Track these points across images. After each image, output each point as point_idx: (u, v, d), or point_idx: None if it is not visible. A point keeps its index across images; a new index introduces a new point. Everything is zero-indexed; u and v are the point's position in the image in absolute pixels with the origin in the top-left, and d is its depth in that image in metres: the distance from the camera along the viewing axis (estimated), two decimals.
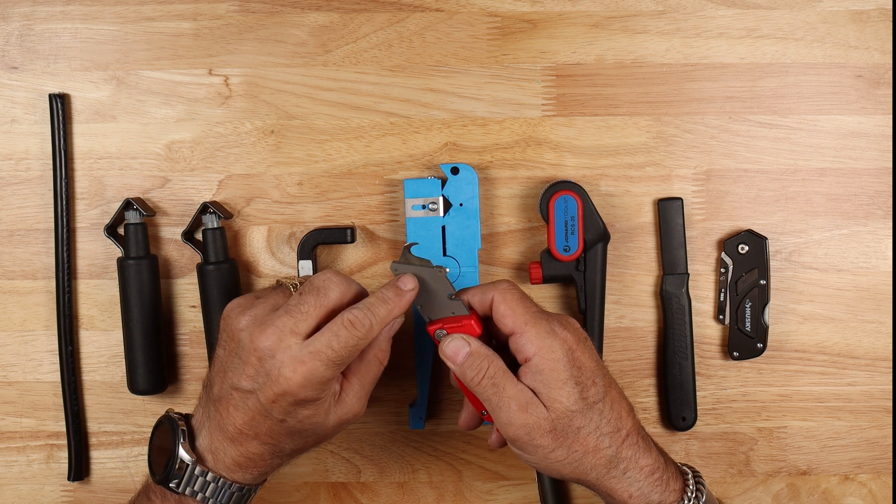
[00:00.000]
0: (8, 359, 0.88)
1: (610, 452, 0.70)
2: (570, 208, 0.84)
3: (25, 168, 0.87)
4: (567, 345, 0.69)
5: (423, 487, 0.89)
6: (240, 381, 0.69)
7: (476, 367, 0.70)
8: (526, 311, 0.70)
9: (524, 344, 0.69)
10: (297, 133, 0.87)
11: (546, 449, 0.69)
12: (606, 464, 0.70)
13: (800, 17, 0.86)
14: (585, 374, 0.70)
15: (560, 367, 0.68)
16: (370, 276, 0.88)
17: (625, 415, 0.71)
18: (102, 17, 0.87)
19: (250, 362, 0.69)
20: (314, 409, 0.70)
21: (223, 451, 0.71)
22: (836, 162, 0.87)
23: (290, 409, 0.69)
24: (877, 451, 0.88)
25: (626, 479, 0.70)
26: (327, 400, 0.70)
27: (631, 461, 0.70)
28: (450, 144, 0.87)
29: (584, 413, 0.69)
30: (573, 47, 0.87)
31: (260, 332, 0.68)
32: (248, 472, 0.72)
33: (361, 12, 0.87)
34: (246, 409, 0.70)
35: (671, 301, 0.86)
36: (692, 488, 0.71)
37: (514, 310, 0.70)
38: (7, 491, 0.89)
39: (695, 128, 0.87)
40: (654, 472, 0.71)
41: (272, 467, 0.73)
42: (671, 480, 0.71)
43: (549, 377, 0.68)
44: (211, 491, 0.71)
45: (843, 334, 0.88)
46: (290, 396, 0.68)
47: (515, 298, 0.71)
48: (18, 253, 0.88)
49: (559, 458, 0.69)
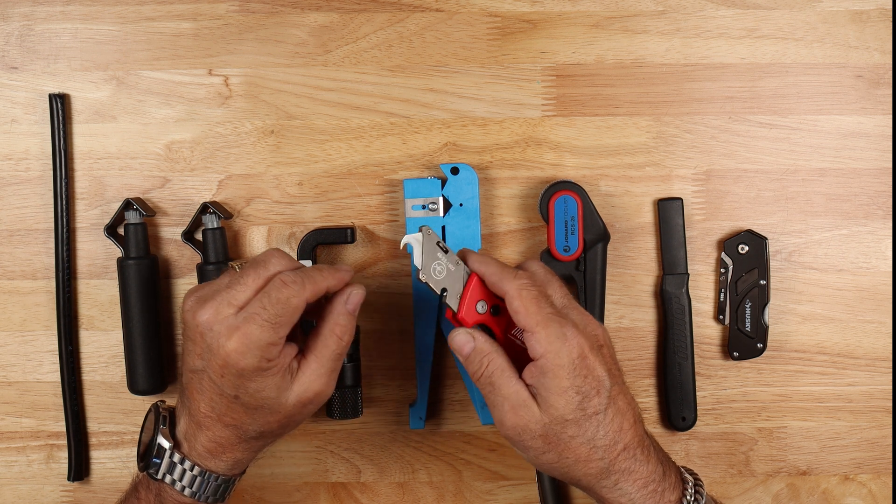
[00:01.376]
0: (8, 359, 0.88)
1: (602, 464, 0.69)
2: (570, 208, 0.84)
3: (25, 168, 0.87)
4: (577, 351, 0.68)
5: (423, 487, 0.89)
6: (193, 361, 0.70)
7: (476, 364, 0.70)
8: (539, 312, 0.69)
9: (534, 344, 0.69)
10: (297, 133, 0.87)
11: (537, 451, 0.69)
12: (597, 474, 0.69)
13: (800, 17, 0.86)
14: (590, 384, 0.68)
15: (563, 374, 0.68)
16: (370, 276, 0.88)
17: (626, 427, 0.70)
18: (102, 17, 0.87)
19: (196, 340, 0.69)
20: (262, 382, 0.69)
21: (195, 437, 0.72)
22: (836, 162, 0.87)
23: (238, 383, 0.69)
24: (877, 451, 0.88)
25: (616, 490, 0.70)
26: (278, 373, 0.69)
27: (624, 474, 0.69)
28: (450, 144, 0.87)
29: (580, 423, 0.68)
30: (573, 47, 0.87)
31: (200, 308, 0.69)
32: (220, 459, 0.72)
33: (361, 12, 0.87)
34: (203, 391, 0.70)
35: (671, 301, 0.86)
36: (690, 499, 0.71)
37: (528, 309, 0.69)
38: (7, 491, 0.89)
39: (695, 128, 0.87)
40: (647, 484, 0.70)
41: (244, 454, 0.72)
42: (667, 492, 0.70)
43: (550, 382, 0.68)
44: (188, 480, 0.72)
45: (843, 334, 0.88)
46: (232, 367, 0.68)
47: (531, 297, 0.69)
48: (18, 253, 0.88)
49: (550, 460, 0.69)
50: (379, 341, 0.88)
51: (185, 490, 0.72)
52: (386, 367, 0.88)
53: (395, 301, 0.88)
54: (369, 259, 0.88)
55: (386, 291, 0.88)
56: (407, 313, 0.88)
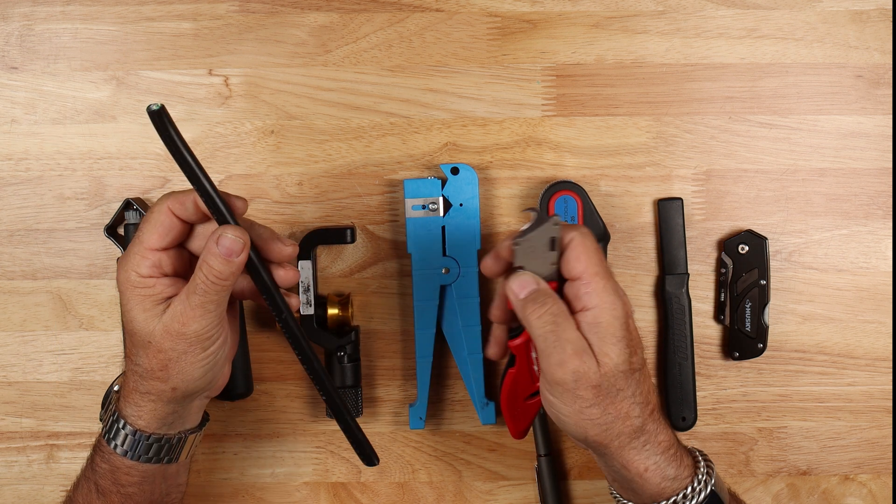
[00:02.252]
0: (8, 359, 0.88)
1: (637, 422, 0.70)
2: (570, 208, 0.84)
3: (25, 168, 0.87)
4: (626, 308, 0.69)
5: (423, 487, 0.89)
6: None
7: (540, 301, 0.69)
8: (599, 262, 0.69)
9: (588, 293, 0.68)
10: (297, 133, 0.87)
11: (585, 402, 0.69)
12: (631, 433, 0.70)
13: (800, 17, 0.86)
14: (634, 340, 0.70)
15: (618, 325, 0.68)
16: (370, 276, 0.88)
17: (652, 390, 0.72)
18: (102, 17, 0.87)
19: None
20: (132, 297, 0.70)
21: (122, 385, 0.74)
22: (836, 162, 0.87)
23: (121, 300, 0.71)
24: (877, 451, 0.88)
25: (644, 451, 0.70)
26: (147, 297, 0.70)
27: (652, 435, 0.71)
28: (450, 144, 0.87)
29: (627, 376, 0.69)
30: (573, 47, 0.87)
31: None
32: (130, 403, 0.72)
33: (361, 12, 0.87)
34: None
35: (671, 301, 0.86)
36: (703, 467, 0.72)
37: (590, 257, 0.69)
38: (7, 491, 0.89)
39: (695, 128, 0.87)
40: (669, 447, 0.71)
41: (144, 401, 0.72)
42: (684, 457, 0.72)
43: (605, 331, 0.68)
44: (121, 438, 0.73)
45: (843, 334, 0.88)
46: (117, 280, 0.71)
47: (592, 247, 0.70)
48: (18, 253, 0.88)
49: (593, 415, 0.69)
50: (379, 341, 0.88)
51: (116, 448, 0.72)
52: (386, 367, 0.88)
53: (395, 301, 0.88)
54: (369, 259, 0.88)
55: (386, 291, 0.88)
56: (407, 313, 0.88)
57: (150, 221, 0.71)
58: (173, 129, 0.67)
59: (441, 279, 0.85)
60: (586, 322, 0.68)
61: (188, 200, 0.70)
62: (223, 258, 0.68)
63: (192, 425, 0.75)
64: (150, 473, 0.74)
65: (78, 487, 0.76)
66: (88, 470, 0.75)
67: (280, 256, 0.72)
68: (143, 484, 0.74)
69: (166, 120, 0.66)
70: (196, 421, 0.76)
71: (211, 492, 0.89)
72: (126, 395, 0.73)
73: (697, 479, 0.71)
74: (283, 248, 0.72)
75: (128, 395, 0.73)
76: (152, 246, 0.70)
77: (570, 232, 0.70)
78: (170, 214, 0.70)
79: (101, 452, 0.74)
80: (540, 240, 0.69)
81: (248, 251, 0.69)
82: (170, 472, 0.75)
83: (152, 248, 0.70)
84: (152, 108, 0.66)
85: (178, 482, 0.77)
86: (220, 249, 0.68)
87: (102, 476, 0.73)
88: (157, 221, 0.70)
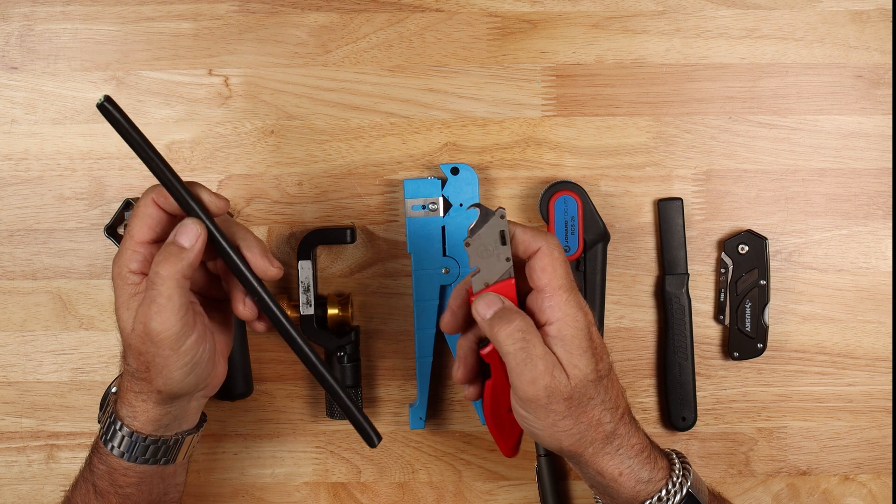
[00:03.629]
0: (8, 359, 0.88)
1: (609, 428, 0.70)
2: (570, 208, 0.84)
3: (25, 168, 0.87)
4: (588, 319, 0.69)
5: (423, 487, 0.89)
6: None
7: (507, 319, 0.68)
8: (565, 275, 0.69)
9: (552, 306, 0.68)
10: (297, 133, 0.87)
11: (558, 415, 0.69)
12: (604, 439, 0.70)
13: (800, 17, 0.86)
14: (599, 349, 0.70)
15: (582, 336, 0.68)
16: (370, 277, 0.88)
17: (621, 393, 0.72)
18: (102, 17, 0.87)
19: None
20: (116, 288, 0.70)
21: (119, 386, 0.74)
22: (836, 162, 0.87)
23: (114, 300, 0.70)
24: (877, 451, 0.88)
25: (618, 455, 0.71)
26: (126, 291, 0.70)
27: (624, 438, 0.71)
28: (450, 144, 0.87)
29: (596, 384, 0.69)
30: (573, 47, 0.87)
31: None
32: (125, 403, 0.72)
33: (361, 12, 0.87)
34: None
35: (671, 301, 0.86)
36: (678, 467, 0.72)
37: (556, 269, 0.68)
38: (7, 491, 0.89)
39: (695, 128, 0.87)
40: (643, 450, 0.71)
41: (136, 399, 0.71)
42: (658, 459, 0.72)
43: (571, 343, 0.68)
44: (118, 440, 0.72)
45: (843, 334, 0.88)
46: (112, 277, 0.71)
47: (559, 259, 0.69)
48: (18, 253, 0.88)
49: (566, 426, 0.69)
50: (379, 341, 0.88)
51: (113, 450, 0.72)
52: (386, 367, 0.88)
53: (395, 301, 0.88)
54: (369, 259, 0.88)
55: (386, 291, 0.88)
56: (407, 313, 0.88)
57: (137, 215, 0.70)
58: (124, 119, 0.66)
59: (441, 279, 0.85)
60: (551, 335, 0.68)
61: (163, 192, 0.70)
62: (178, 248, 0.68)
63: (189, 426, 0.75)
64: (147, 474, 0.73)
65: (76, 488, 0.76)
66: (86, 471, 0.75)
67: (264, 275, 0.71)
68: (140, 485, 0.74)
69: (115, 111, 0.66)
70: (194, 422, 0.76)
71: (211, 492, 0.89)
72: (122, 396, 0.73)
73: (672, 482, 0.71)
74: (269, 269, 0.71)
75: (123, 396, 0.72)
76: (142, 239, 0.70)
77: (538, 240, 0.69)
78: (155, 206, 0.70)
79: (99, 454, 0.74)
80: (490, 236, 0.68)
81: (202, 241, 0.68)
82: (167, 473, 0.75)
83: (142, 242, 0.70)
84: (99, 101, 0.66)
85: (176, 482, 0.77)
86: (176, 238, 0.68)
87: (100, 477, 0.73)
88: (144, 214, 0.70)
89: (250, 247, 0.70)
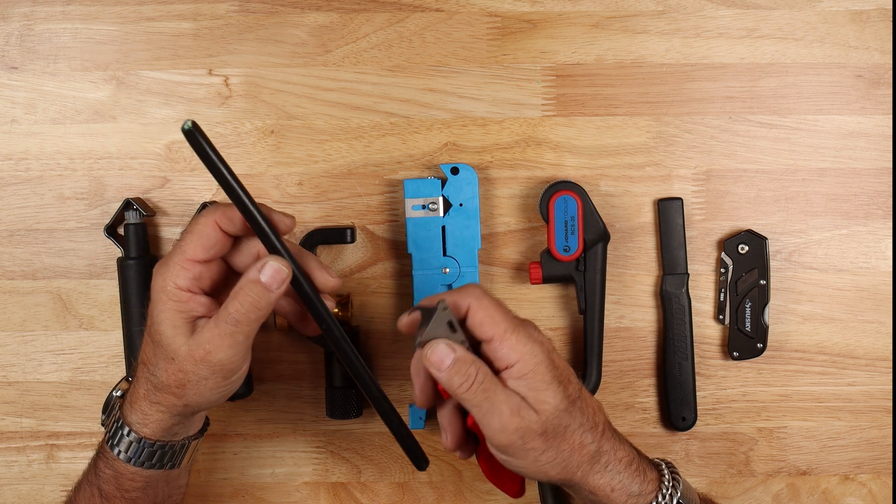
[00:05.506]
0: (8, 359, 0.88)
1: (593, 448, 0.70)
2: (570, 208, 0.84)
3: (25, 168, 0.87)
4: (546, 347, 0.69)
5: (423, 487, 0.89)
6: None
7: (465, 374, 0.68)
8: (505, 318, 0.69)
9: (506, 350, 0.68)
10: (297, 133, 0.87)
11: (537, 451, 0.69)
12: (590, 459, 0.70)
13: (800, 17, 0.86)
14: (563, 373, 0.70)
15: (543, 370, 0.68)
16: (370, 277, 0.88)
17: (598, 409, 0.72)
18: (102, 17, 0.87)
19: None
20: (164, 309, 0.69)
21: (128, 387, 0.74)
22: (836, 162, 0.87)
23: (150, 306, 0.70)
24: (877, 451, 0.88)
25: (608, 472, 0.71)
26: (180, 312, 0.69)
27: (611, 454, 0.71)
28: (450, 144, 0.87)
29: (569, 410, 0.69)
30: (573, 47, 0.87)
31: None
32: (135, 409, 0.72)
33: (361, 12, 0.87)
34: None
35: (671, 301, 0.86)
36: (668, 478, 0.72)
37: (493, 317, 0.69)
38: (7, 491, 0.89)
39: (695, 128, 0.87)
40: (631, 462, 0.71)
41: (151, 408, 0.71)
42: (647, 470, 0.72)
43: (534, 380, 0.68)
44: (125, 445, 0.72)
45: (843, 334, 0.88)
46: (152, 287, 0.70)
47: (492, 305, 0.69)
48: (18, 253, 0.88)
49: (549, 458, 0.69)
50: (379, 341, 0.88)
51: (120, 455, 0.72)
52: (386, 367, 0.88)
53: (395, 301, 0.88)
54: (369, 259, 0.88)
55: (386, 291, 0.88)
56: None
57: (194, 233, 0.70)
58: (209, 147, 0.65)
59: (441, 279, 0.85)
60: (514, 378, 0.68)
61: (236, 216, 0.69)
62: (264, 289, 0.67)
63: (194, 431, 0.76)
64: (153, 479, 0.74)
65: (79, 491, 0.76)
66: (91, 474, 0.75)
67: (324, 286, 0.71)
68: (146, 489, 0.74)
69: (201, 138, 0.65)
70: (198, 427, 0.76)
71: (211, 492, 0.89)
72: (133, 402, 0.72)
73: (662, 494, 0.71)
74: (329, 280, 0.71)
75: (135, 402, 0.72)
76: (195, 258, 0.69)
77: (462, 299, 0.69)
78: (216, 228, 0.70)
79: (105, 458, 0.74)
80: (439, 329, 0.69)
81: (287, 283, 0.68)
82: (172, 476, 0.75)
83: (194, 260, 0.69)
84: (184, 127, 0.64)
85: (179, 484, 0.77)
86: (263, 278, 0.67)
87: (106, 481, 0.73)
88: (202, 234, 0.69)
89: (307, 263, 0.71)
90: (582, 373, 0.86)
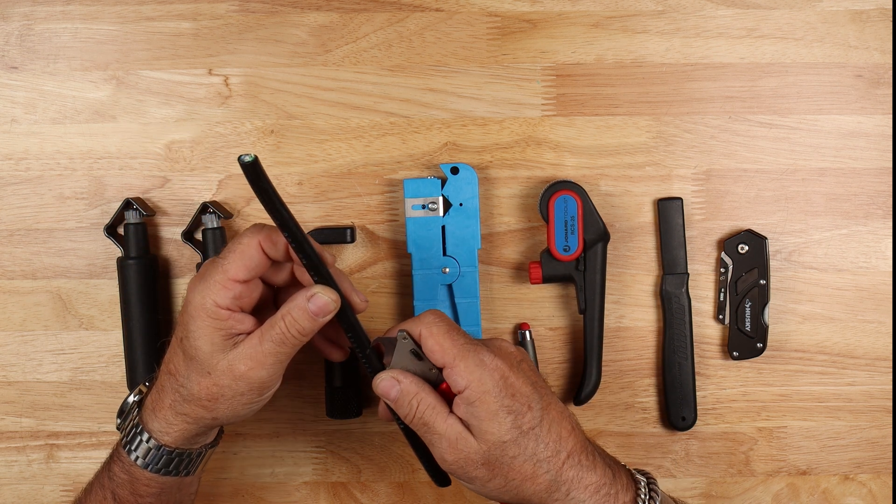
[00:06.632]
0: (8, 359, 0.88)
1: (549, 477, 0.69)
2: (570, 208, 0.84)
3: (25, 168, 0.87)
4: (498, 373, 0.69)
5: (423, 487, 0.89)
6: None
7: (406, 406, 0.70)
8: (454, 345, 0.69)
9: (455, 377, 0.69)
10: (297, 133, 0.87)
11: (483, 479, 0.69)
12: (547, 488, 0.69)
13: (800, 17, 0.86)
14: (520, 401, 0.69)
15: (490, 399, 0.68)
16: (370, 276, 0.88)
17: (565, 435, 0.70)
18: (102, 17, 0.87)
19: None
20: (202, 326, 0.69)
21: (148, 394, 0.74)
22: (836, 162, 0.87)
23: (185, 321, 0.70)
24: (877, 451, 0.88)
25: (570, 500, 0.69)
26: (219, 329, 0.69)
27: (573, 482, 0.69)
28: (450, 144, 0.87)
29: (518, 441, 0.68)
30: (573, 47, 0.87)
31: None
32: (158, 417, 0.72)
33: (361, 12, 0.87)
34: (171, 341, 0.73)
35: (671, 301, 0.86)
36: (644, 498, 0.70)
37: (442, 344, 0.69)
38: (7, 491, 0.89)
39: (695, 128, 0.87)
40: (599, 489, 0.69)
41: (176, 419, 0.72)
42: (620, 493, 0.70)
43: (479, 410, 0.68)
44: (143, 451, 0.73)
45: (843, 334, 0.88)
46: (187, 302, 0.70)
47: (442, 332, 0.70)
48: (18, 253, 0.88)
49: (497, 486, 0.69)
50: None
51: (137, 460, 0.73)
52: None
53: (395, 301, 0.88)
54: (369, 259, 0.88)
55: (386, 291, 0.88)
56: (407, 313, 0.88)
57: (237, 252, 0.70)
58: (267, 182, 0.66)
59: (441, 279, 0.85)
60: (464, 404, 0.69)
61: (280, 241, 0.71)
62: (311, 316, 0.69)
63: (211, 440, 0.77)
64: (168, 485, 0.74)
65: (90, 493, 0.75)
66: (104, 478, 0.75)
67: (357, 310, 0.73)
68: (161, 495, 0.74)
69: (260, 172, 0.65)
70: (214, 435, 0.77)
71: (211, 492, 0.89)
72: (157, 410, 0.72)
73: None
74: (359, 304, 0.73)
75: (159, 411, 0.72)
76: (237, 277, 0.70)
77: (415, 327, 0.70)
78: (259, 250, 0.71)
79: (121, 462, 0.74)
80: (404, 360, 0.71)
81: (330, 317, 0.70)
82: (185, 483, 0.76)
83: (236, 280, 0.70)
84: (245, 159, 0.64)
85: (190, 491, 0.78)
86: (311, 307, 0.69)
87: (120, 486, 0.74)
88: (245, 255, 0.70)
89: (345, 284, 0.72)
90: (582, 373, 0.86)
